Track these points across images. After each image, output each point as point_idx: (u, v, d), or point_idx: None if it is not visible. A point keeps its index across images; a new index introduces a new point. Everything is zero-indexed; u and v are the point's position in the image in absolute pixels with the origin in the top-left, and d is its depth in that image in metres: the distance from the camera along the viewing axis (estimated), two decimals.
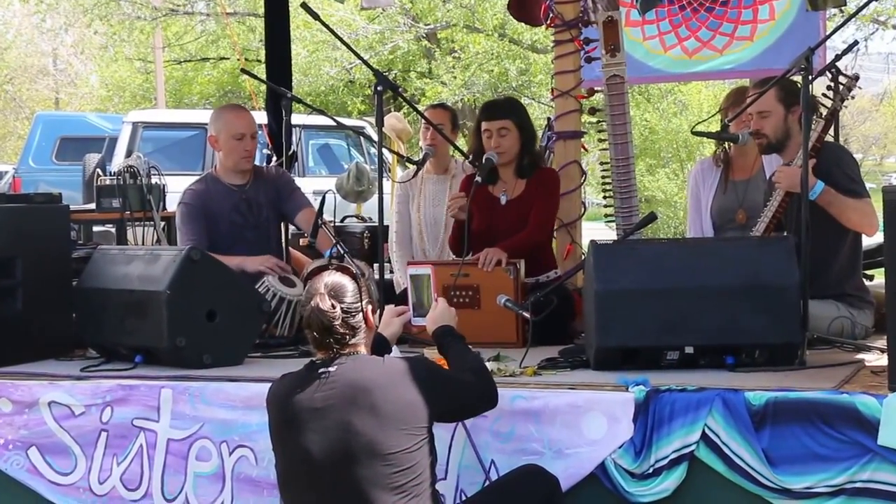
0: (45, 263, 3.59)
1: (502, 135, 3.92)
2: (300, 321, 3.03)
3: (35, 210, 3.75)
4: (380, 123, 3.82)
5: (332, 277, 2.51)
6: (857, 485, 2.55)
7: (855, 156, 4.32)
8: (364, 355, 2.54)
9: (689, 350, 2.98)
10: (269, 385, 2.64)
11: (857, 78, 3.57)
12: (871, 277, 4.16)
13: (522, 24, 10.26)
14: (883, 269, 2.75)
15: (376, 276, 3.80)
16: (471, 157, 4.09)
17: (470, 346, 2.79)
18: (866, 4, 4.84)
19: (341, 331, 2.46)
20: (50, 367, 3.38)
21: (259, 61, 13.49)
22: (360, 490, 2.38)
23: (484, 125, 3.95)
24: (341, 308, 2.46)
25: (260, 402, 2.90)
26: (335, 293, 2.48)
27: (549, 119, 4.96)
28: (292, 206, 4.08)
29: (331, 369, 2.45)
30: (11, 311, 3.48)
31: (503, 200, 4.00)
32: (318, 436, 2.41)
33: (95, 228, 6.45)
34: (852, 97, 3.60)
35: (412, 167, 4.69)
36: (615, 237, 3.96)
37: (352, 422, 2.39)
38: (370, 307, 2.54)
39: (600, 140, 4.20)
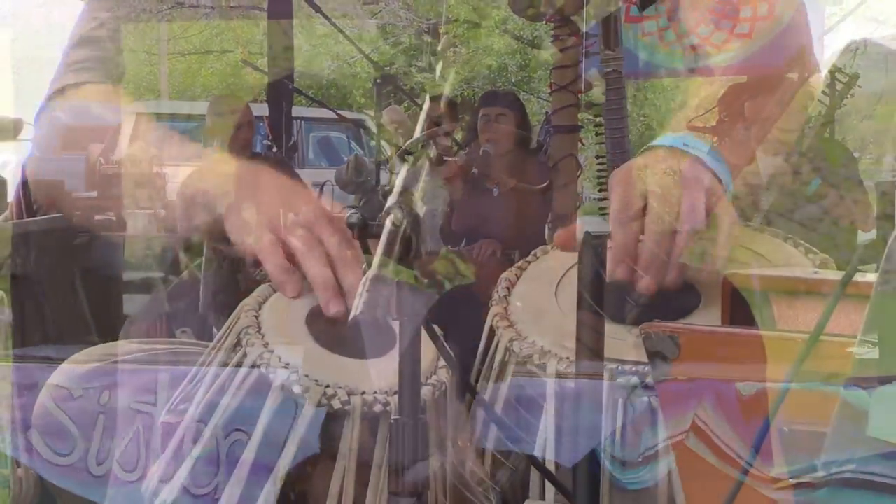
0: (48, 250, 3.62)
1: (499, 121, 3.98)
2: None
3: None
4: (378, 116, 3.85)
5: None
6: (846, 475, 2.57)
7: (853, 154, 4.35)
8: None
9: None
10: (266, 370, 2.65)
11: (856, 77, 3.58)
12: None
13: (523, 20, 10.32)
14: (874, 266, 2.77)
15: None
16: (466, 148, 4.13)
17: None
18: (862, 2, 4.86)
19: None
20: (50, 351, 3.41)
21: (262, 55, 13.51)
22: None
23: (483, 110, 4.02)
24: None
25: (257, 387, 2.94)
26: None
27: (547, 114, 4.97)
28: None
29: None
30: (15, 298, 3.51)
31: (495, 192, 4.04)
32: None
33: (97, 217, 6.50)
34: (851, 96, 3.62)
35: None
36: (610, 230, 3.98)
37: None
38: None
39: (597, 134, 4.22)
